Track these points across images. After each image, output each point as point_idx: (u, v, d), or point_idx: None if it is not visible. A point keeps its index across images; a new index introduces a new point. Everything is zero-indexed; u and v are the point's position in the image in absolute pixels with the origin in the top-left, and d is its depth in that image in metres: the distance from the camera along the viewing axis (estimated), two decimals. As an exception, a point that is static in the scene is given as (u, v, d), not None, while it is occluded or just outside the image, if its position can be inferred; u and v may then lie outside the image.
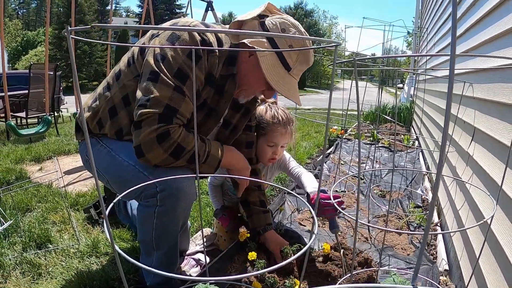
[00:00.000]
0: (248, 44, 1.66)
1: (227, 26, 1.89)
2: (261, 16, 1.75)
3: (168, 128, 1.63)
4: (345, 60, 1.26)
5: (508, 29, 1.92)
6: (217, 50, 1.75)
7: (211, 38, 1.75)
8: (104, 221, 0.78)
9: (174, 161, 1.70)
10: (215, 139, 2.12)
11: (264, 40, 1.69)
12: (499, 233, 1.64)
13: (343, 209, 2.29)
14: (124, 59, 1.89)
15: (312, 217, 0.90)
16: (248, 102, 2.07)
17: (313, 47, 1.74)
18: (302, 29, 1.77)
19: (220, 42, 1.80)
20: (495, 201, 1.50)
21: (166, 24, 1.81)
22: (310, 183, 2.40)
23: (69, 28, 0.64)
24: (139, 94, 1.68)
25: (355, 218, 1.39)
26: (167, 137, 1.63)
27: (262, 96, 2.01)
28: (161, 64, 1.65)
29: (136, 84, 1.79)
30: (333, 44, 0.84)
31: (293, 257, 0.90)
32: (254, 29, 1.71)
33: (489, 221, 1.53)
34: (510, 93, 1.79)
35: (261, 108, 2.38)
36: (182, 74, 1.67)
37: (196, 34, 1.69)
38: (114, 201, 0.99)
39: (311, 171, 4.13)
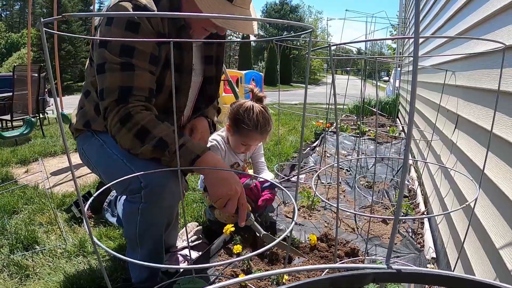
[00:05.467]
0: None
1: None
2: None
3: (129, 110, 1.63)
4: (320, 47, 1.26)
5: (490, 14, 1.94)
6: (155, 9, 1.71)
7: (144, 1, 1.69)
8: (83, 218, 0.76)
9: (141, 144, 1.64)
10: (206, 95, 2.14)
11: None
12: (483, 217, 1.65)
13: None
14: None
15: (293, 209, 0.90)
16: (217, 50, 2.09)
17: (288, 36, 1.69)
18: None
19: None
20: (478, 185, 1.52)
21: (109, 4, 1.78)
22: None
23: (41, 19, 0.64)
24: (98, 89, 1.70)
25: (341, 208, 1.39)
26: (129, 118, 1.62)
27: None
28: (105, 50, 1.64)
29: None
30: (307, 30, 0.84)
31: (273, 243, 0.91)
32: None
33: (472, 205, 1.54)
34: (491, 78, 1.81)
35: (247, 105, 2.38)
36: (127, 49, 1.65)
37: (127, 5, 1.64)
38: (90, 199, 0.98)
39: (296, 163, 4.15)
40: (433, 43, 4.11)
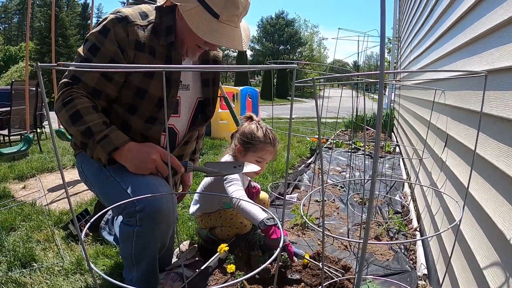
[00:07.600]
0: (178, 4, 1.77)
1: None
2: None
3: (71, 94, 1.80)
4: (303, 80, 1.31)
5: (475, 36, 2.00)
6: (138, 21, 1.89)
7: (127, 12, 1.88)
8: (80, 244, 0.80)
9: (72, 125, 1.79)
10: (204, 115, 2.27)
11: None
12: (469, 237, 1.69)
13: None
14: None
15: (280, 233, 0.95)
16: (213, 73, 2.23)
17: (275, 66, 1.76)
18: None
19: (145, 14, 1.93)
20: (462, 204, 1.57)
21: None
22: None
23: (38, 64, 0.71)
24: None
25: (332, 226, 1.45)
26: (70, 101, 1.79)
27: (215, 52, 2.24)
28: (83, 46, 1.88)
29: None
30: (291, 67, 0.89)
31: (265, 264, 0.95)
32: None
33: (455, 227, 1.58)
34: (477, 100, 1.86)
35: (252, 127, 2.55)
36: (94, 47, 1.83)
37: (111, 16, 1.85)
38: (91, 221, 1.02)
39: (291, 182, 4.19)
40: (427, 59, 4.17)
